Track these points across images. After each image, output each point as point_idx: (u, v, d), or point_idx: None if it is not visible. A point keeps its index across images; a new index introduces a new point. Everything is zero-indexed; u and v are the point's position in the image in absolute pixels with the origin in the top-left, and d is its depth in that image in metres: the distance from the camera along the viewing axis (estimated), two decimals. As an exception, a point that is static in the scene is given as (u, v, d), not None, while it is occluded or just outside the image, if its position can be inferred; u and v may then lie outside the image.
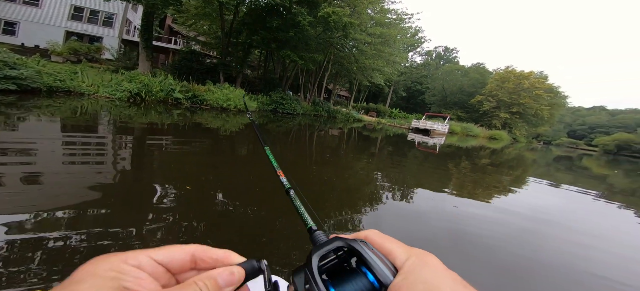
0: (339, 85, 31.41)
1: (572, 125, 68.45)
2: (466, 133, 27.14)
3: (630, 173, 10.32)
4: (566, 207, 3.82)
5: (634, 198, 5.14)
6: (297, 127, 10.21)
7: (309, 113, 18.76)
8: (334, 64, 22.50)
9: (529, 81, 31.80)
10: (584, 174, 8.69)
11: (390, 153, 7.45)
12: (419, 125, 22.64)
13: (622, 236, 2.80)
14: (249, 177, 3.22)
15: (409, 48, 35.71)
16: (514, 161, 9.88)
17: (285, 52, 13.78)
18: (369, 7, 16.38)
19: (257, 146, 5.32)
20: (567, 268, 1.91)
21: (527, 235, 2.45)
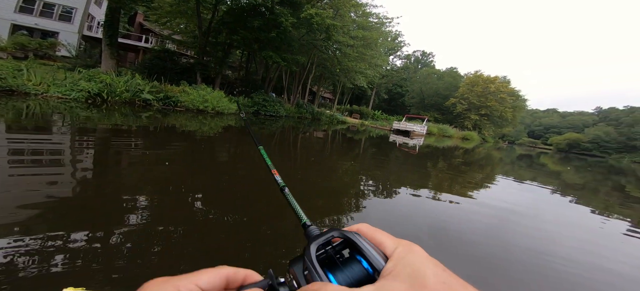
0: (323, 88, 31.51)
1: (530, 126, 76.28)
2: (442, 134, 28.74)
3: (580, 170, 11.51)
4: (531, 200, 4.12)
5: (585, 192, 5.73)
6: (280, 129, 9.90)
7: (292, 116, 18.46)
8: (318, 66, 22.49)
9: (495, 85, 34.71)
10: (543, 171, 9.48)
11: (373, 154, 7.49)
12: (399, 127, 23.45)
13: (575, 225, 3.12)
14: (231, 180, 2.94)
15: (390, 51, 37.08)
16: (484, 160, 10.53)
17: (267, 53, 13.39)
18: (352, 10, 16.64)
19: (239, 149, 4.98)
20: (535, 252, 2.10)
21: (500, 224, 2.70)
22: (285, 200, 0.36)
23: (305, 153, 5.81)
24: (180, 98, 10.04)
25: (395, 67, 43.27)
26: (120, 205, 1.90)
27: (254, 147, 5.43)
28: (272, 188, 2.54)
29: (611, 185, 7.58)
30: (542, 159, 16.37)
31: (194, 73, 13.73)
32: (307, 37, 15.40)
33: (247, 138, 6.35)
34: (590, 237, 2.71)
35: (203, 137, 5.50)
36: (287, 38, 13.50)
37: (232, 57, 20.50)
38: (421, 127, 24.17)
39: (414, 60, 47.44)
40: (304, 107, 20.08)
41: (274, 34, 12.39)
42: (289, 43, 14.10)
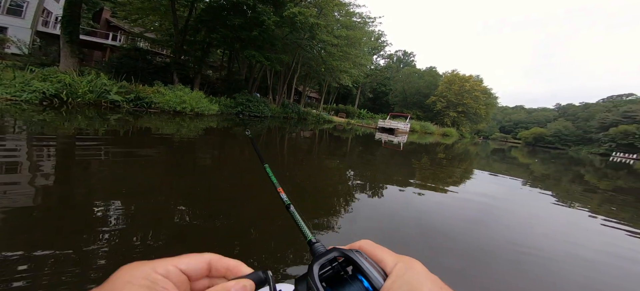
0: (309, 87, 31.35)
1: (501, 122, 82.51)
2: (424, 131, 29.97)
3: (545, 162, 12.50)
4: (506, 192, 4.37)
5: (550, 182, 6.22)
6: (266, 130, 9.60)
7: (278, 116, 18.07)
8: (303, 65, 22.26)
9: (470, 84, 36.97)
10: (514, 163, 10.18)
11: (361, 153, 7.54)
12: (384, 125, 24.02)
13: (546, 214, 3.35)
14: (212, 185, 2.69)
15: (373, 51, 37.86)
16: (463, 155, 11.05)
17: (250, 52, 12.94)
18: (335, 9, 16.66)
19: (224, 153, 4.67)
20: (513, 244, 2.22)
21: (481, 217, 2.80)
22: (291, 218, 0.36)
23: (293, 154, 5.66)
24: (154, 99, 9.32)
25: (379, 66, 44.32)
26: (81, 223, 1.56)
27: (242, 154, 4.99)
28: (269, 200, 2.36)
29: (572, 175, 8.28)
30: (513, 153, 17.65)
31: (170, 73, 12.87)
32: (291, 36, 15.15)
33: (231, 141, 6.03)
34: (559, 226, 2.88)
35: (182, 141, 5.10)
36: (270, 37, 13.14)
37: (212, 57, 19.61)
38: (405, 125, 24.97)
39: (396, 60, 48.96)
40: (289, 107, 19.77)
41: (257, 32, 12.00)
42: (272, 42, 13.75)
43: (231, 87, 15.99)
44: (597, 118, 50.53)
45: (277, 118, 16.61)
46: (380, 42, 37.03)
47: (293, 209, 0.37)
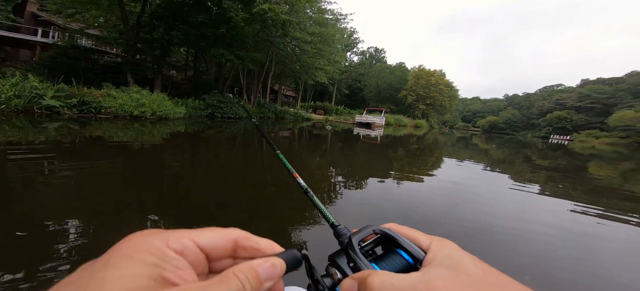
0: (285, 86, 30.62)
1: (462, 112, 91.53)
2: (398, 124, 31.61)
3: (500, 146, 14.08)
4: (472, 176, 4.75)
5: (505, 165, 6.96)
6: (242, 131, 9.03)
7: (254, 116, 17.27)
8: (277, 63, 21.58)
9: (435, 78, 40.05)
10: (476, 150, 11.22)
11: (341, 148, 7.59)
12: (361, 120, 24.67)
13: (505, 193, 3.67)
14: (184, 194, 2.33)
15: (347, 48, 38.47)
16: (433, 144, 11.83)
17: (218, 51, 11.99)
18: (307, 6, 16.39)
19: (195, 157, 4.16)
20: (482, 223, 2.42)
21: (454, 201, 3.02)
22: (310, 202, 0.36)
23: (274, 154, 5.43)
24: (105, 103, 8.08)
25: (353, 63, 45.25)
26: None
27: (216, 158, 4.53)
28: (260, 213, 2.08)
29: (522, 157, 9.36)
30: (474, 140, 19.57)
31: (122, 74, 11.32)
32: (263, 34, 14.44)
33: (202, 145, 5.46)
34: (516, 204, 3.16)
35: (144, 148, 4.44)
36: (239, 34, 12.35)
37: (175, 56, 17.86)
38: (380, 119, 25.98)
39: (369, 56, 50.56)
40: (265, 107, 19.04)
41: (224, 30, 11.14)
42: (243, 40, 12.96)
43: (199, 88, 14.73)
44: (536, 106, 59.12)
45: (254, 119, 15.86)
46: (353, 39, 37.74)
47: (312, 194, 0.37)
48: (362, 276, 0.20)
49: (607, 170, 7.14)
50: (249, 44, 13.40)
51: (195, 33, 11.38)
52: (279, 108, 20.56)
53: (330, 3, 19.86)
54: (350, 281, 0.21)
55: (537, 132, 54.79)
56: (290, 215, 2.22)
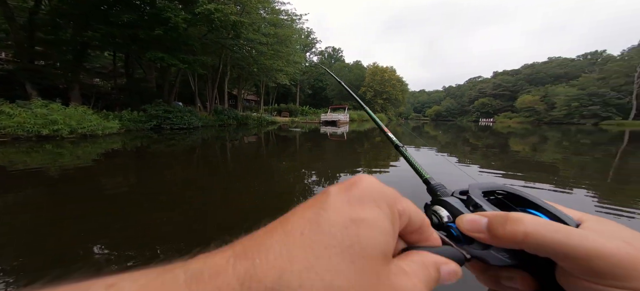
0: (245, 90, 28.80)
1: (413, 104, 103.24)
2: (361, 119, 33.40)
3: (446, 132, 16.24)
4: (429, 162, 5.25)
5: (452, 147, 8.00)
6: (200, 142, 7.99)
7: (212, 125, 15.63)
8: (233, 67, 20.06)
9: (387, 74, 43.84)
10: (428, 136, 12.69)
11: (310, 148, 7.50)
12: (327, 118, 25.06)
13: (451, 172, 4.20)
14: (126, 229, 1.74)
15: (306, 48, 38.60)
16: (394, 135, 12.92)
17: (155, 55, 10.30)
18: (260, 6, 15.62)
19: (139, 180, 3.29)
20: None
21: (416, 188, 3.29)
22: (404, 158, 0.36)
23: (242, 161, 5.11)
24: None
25: (313, 63, 45.72)
26: None
27: (170, 176, 3.76)
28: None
29: (462, 140, 10.91)
30: (426, 128, 22.17)
31: (18, 84, 8.69)
32: (212, 36, 13.07)
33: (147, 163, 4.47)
34: (463, 180, 3.70)
35: (64, 175, 3.36)
36: (182, 36, 10.91)
37: (98, 61, 14.76)
38: (344, 116, 26.89)
39: (327, 56, 51.94)
40: (225, 113, 17.46)
41: (161, 31, 9.63)
42: (187, 42, 11.50)
43: (136, 98, 12.50)
44: (466, 95, 70.93)
45: (212, 128, 14.32)
46: (310, 40, 38.06)
47: (404, 149, 0.38)
48: (498, 213, 0.19)
49: (521, 145, 8.86)
50: (195, 46, 11.97)
51: (122, 34, 9.52)
52: (240, 114, 19.15)
53: (284, 4, 19.49)
54: (475, 216, 0.19)
55: (469, 117, 65.99)
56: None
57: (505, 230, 0.17)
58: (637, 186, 3.41)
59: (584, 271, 0.16)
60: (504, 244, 0.18)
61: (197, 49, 12.38)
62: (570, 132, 18.09)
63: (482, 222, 0.19)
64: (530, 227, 0.17)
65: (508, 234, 0.17)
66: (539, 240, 0.16)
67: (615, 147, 8.15)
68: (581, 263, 0.15)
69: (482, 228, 0.19)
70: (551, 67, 54.31)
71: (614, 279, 0.15)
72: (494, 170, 4.29)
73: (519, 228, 0.17)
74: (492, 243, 0.19)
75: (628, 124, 32.15)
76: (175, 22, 9.56)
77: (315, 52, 44.32)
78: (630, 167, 4.87)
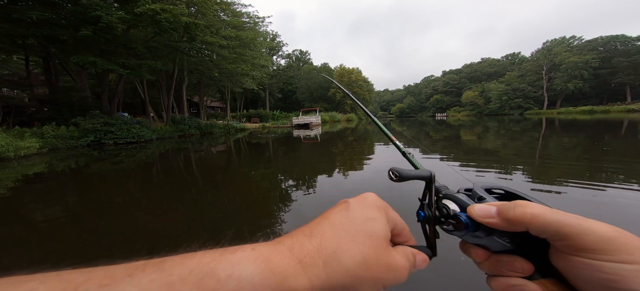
0: (208, 96, 26.65)
1: (380, 103, 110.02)
2: (333, 120, 34.00)
3: (409, 127, 17.58)
4: (398, 158, 5.47)
5: (415, 142, 8.51)
6: (157, 157, 6.94)
7: (169, 136, 13.92)
8: (191, 72, 18.32)
9: (354, 75, 45.77)
10: (395, 133, 13.46)
11: (284, 152, 7.21)
12: (299, 122, 24.77)
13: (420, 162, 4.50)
14: None
15: (272, 52, 37.71)
16: (365, 134, 13.24)
17: (83, 59, 8.61)
18: (217, 8, 14.57)
19: (72, 213, 2.42)
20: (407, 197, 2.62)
21: (389, 183, 3.28)
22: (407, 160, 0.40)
23: (211, 173, 4.60)
24: None
25: (281, 66, 44.95)
26: None
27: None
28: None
29: (424, 134, 11.92)
30: (393, 125, 23.67)
31: None
32: (161, 39, 11.64)
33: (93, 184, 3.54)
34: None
35: None
36: (121, 38, 9.44)
37: (4, 67, 11.95)
38: (316, 118, 27.00)
39: (296, 59, 51.74)
40: (185, 123, 15.72)
41: (88, 32, 8.13)
42: (128, 45, 10.00)
43: (66, 110, 10.42)
44: (423, 93, 78.63)
45: (169, 140, 12.71)
46: (276, 43, 37.35)
47: (411, 156, 0.40)
48: (505, 202, 0.21)
49: (471, 136, 10.04)
50: (138, 49, 10.49)
51: (34, 34, 7.78)
52: (203, 123, 17.50)
53: (245, 6, 18.67)
54: (486, 205, 0.22)
55: (427, 112, 73.18)
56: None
57: (515, 212, 0.20)
58: (557, 164, 4.01)
59: (577, 248, 0.18)
60: (512, 226, 0.20)
61: (142, 52, 10.88)
62: (504, 121, 21.33)
63: (492, 210, 0.21)
64: (536, 210, 0.19)
65: (518, 215, 0.20)
66: (544, 220, 0.19)
67: (537, 133, 9.78)
68: (576, 239, 0.18)
69: (493, 214, 0.21)
70: (484, 66, 63.85)
71: (602, 253, 0.17)
72: (455, 161, 4.64)
73: (527, 210, 0.19)
74: (501, 226, 0.21)
75: (543, 113, 39.84)
76: (109, 22, 8.16)
77: (282, 55, 43.65)
78: (550, 148, 5.78)
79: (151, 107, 17.17)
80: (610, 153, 4.62)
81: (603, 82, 38.18)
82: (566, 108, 38.94)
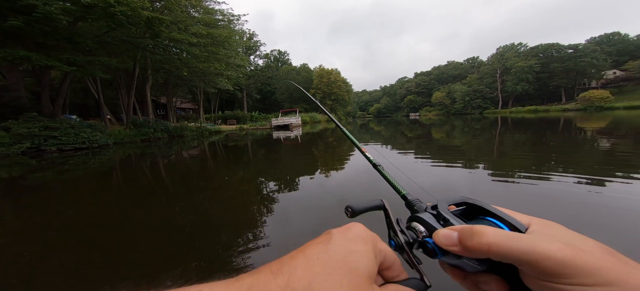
0: (178, 97, 24.66)
1: (358, 103, 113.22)
2: (313, 121, 33.99)
3: (386, 127, 18.14)
4: (376, 155, 5.62)
5: (393, 140, 8.87)
6: (114, 164, 6.16)
7: (129, 140, 12.51)
8: (157, 70, 16.75)
9: (333, 76, 46.34)
10: (373, 132, 13.83)
11: (264, 155, 6.95)
12: (278, 123, 24.23)
13: (395, 158, 4.59)
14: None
15: (249, 51, 36.39)
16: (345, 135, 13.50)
17: (13, 53, 7.22)
18: (186, 4, 13.52)
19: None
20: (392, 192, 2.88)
21: (371, 182, 3.35)
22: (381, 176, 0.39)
23: (178, 182, 4.19)
24: None
25: (258, 66, 43.62)
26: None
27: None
28: None
29: (399, 133, 12.36)
30: (371, 124, 24.40)
31: None
32: (118, 34, 10.36)
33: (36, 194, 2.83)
34: (407, 170, 3.98)
35: None
36: (65, 32, 8.19)
37: None
38: (296, 119, 26.69)
39: (274, 59, 50.66)
40: (149, 126, 14.27)
41: (19, 22, 6.91)
42: (73, 39, 8.73)
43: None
44: (398, 93, 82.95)
45: (131, 145, 11.40)
46: (254, 42, 36.18)
47: (382, 168, 0.40)
48: (466, 227, 0.21)
49: (440, 134, 10.74)
50: (87, 44, 9.24)
51: None
52: (172, 125, 16.08)
53: (219, 3, 17.67)
54: (448, 231, 0.22)
55: (402, 112, 77.35)
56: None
57: (473, 242, 0.20)
58: (513, 159, 4.49)
59: (538, 273, 0.17)
60: (473, 254, 0.20)
61: (93, 47, 9.61)
62: (468, 119, 23.48)
63: (453, 236, 0.21)
64: (492, 238, 0.19)
65: (475, 246, 0.19)
66: (500, 249, 0.18)
67: (494, 130, 10.87)
68: (533, 265, 0.17)
69: (455, 241, 0.21)
70: (450, 69, 69.73)
71: (561, 277, 0.17)
72: (427, 158, 4.94)
73: (483, 240, 0.19)
74: (465, 254, 0.21)
75: (498, 112, 44.78)
76: (47, 13, 7.01)
77: (260, 55, 42.37)
78: (505, 144, 6.46)
79: (108, 108, 15.28)
80: (552, 148, 5.32)
81: (543, 85, 44.25)
82: (516, 108, 44.29)
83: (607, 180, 2.79)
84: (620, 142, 5.58)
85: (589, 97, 33.96)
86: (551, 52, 43.68)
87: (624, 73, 40.82)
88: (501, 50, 52.45)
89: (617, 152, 4.51)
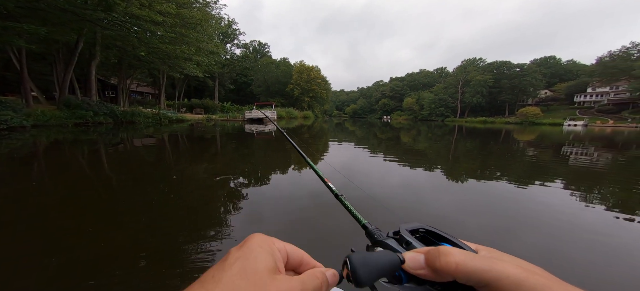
0: (135, 79, 21.60)
1: (336, 102, 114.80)
2: (290, 116, 33.20)
3: (360, 127, 18.71)
4: (351, 155, 5.77)
5: (365, 141, 9.14)
6: (29, 153, 4.99)
7: (57, 123, 10.46)
8: (109, 47, 14.29)
9: (313, 73, 45.91)
10: (349, 131, 14.10)
11: (234, 149, 6.48)
12: (252, 116, 23.01)
13: (368, 160, 4.68)
14: None
15: (226, 39, 33.72)
16: (321, 132, 13.32)
17: None
18: None
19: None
20: (372, 192, 3.01)
21: (347, 181, 3.51)
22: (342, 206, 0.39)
23: (126, 174, 3.67)
24: None
25: (235, 56, 40.83)
26: None
27: None
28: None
29: (372, 134, 12.86)
30: (346, 124, 24.81)
31: None
32: (57, 2, 8.39)
33: None
34: (378, 171, 4.19)
35: None
36: None
37: None
38: (271, 113, 25.70)
39: (253, 50, 47.98)
40: (87, 108, 12.03)
41: None
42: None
43: None
44: (373, 96, 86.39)
45: (58, 128, 9.48)
46: (232, 30, 33.65)
47: (344, 198, 0.40)
48: (432, 248, 0.22)
49: (408, 137, 11.37)
50: (6, 6, 7.42)
51: None
52: (120, 110, 13.89)
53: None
54: (415, 254, 0.22)
55: (376, 115, 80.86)
56: None
57: (440, 262, 0.20)
58: (465, 163, 5.05)
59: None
60: (440, 276, 0.20)
61: (15, 12, 7.72)
62: (431, 125, 25.86)
63: (420, 259, 0.22)
64: (459, 258, 0.20)
65: (443, 266, 0.20)
66: (467, 268, 0.19)
67: (451, 137, 11.95)
68: (493, 285, 0.18)
69: (422, 263, 0.21)
70: (421, 77, 75.17)
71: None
72: (395, 159, 5.26)
73: (450, 260, 0.20)
74: (431, 277, 0.21)
75: (456, 120, 49.90)
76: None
77: (238, 44, 39.64)
78: (459, 150, 7.25)
79: (35, 84, 12.54)
80: (496, 154, 6.23)
81: (493, 99, 50.64)
82: (470, 118, 50.02)
83: (530, 183, 3.53)
84: (542, 153, 6.66)
85: (525, 113, 39.96)
86: (503, 69, 49.99)
87: (552, 94, 49.15)
88: (465, 63, 58.18)
89: (539, 162, 5.45)
